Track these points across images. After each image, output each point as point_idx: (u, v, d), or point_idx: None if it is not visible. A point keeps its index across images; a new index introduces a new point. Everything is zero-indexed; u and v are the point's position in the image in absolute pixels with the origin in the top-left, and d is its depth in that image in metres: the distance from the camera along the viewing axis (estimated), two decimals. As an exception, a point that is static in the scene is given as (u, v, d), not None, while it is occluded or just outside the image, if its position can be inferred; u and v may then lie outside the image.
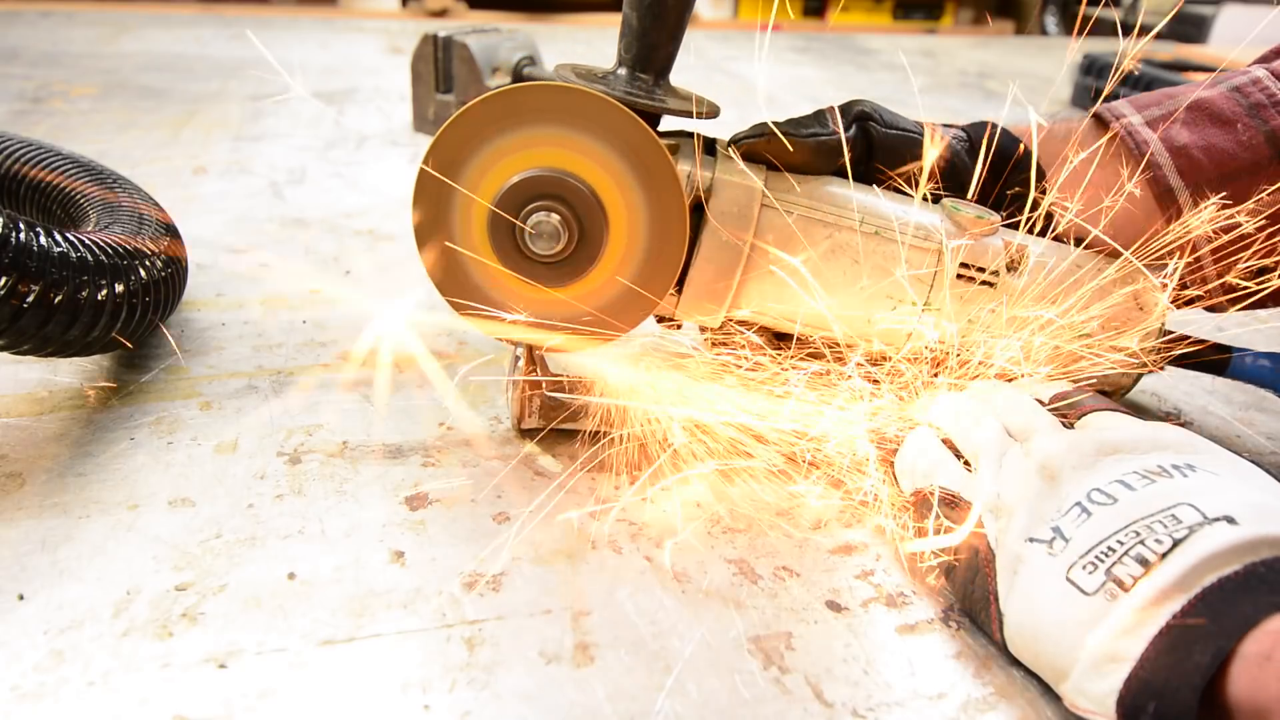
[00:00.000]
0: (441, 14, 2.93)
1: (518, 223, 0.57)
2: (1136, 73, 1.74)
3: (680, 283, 0.61)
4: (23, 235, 0.54)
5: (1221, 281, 0.62)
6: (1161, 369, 0.66)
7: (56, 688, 0.42)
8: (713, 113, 0.61)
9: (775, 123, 0.61)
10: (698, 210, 0.60)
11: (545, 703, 0.43)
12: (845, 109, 0.64)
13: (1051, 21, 4.04)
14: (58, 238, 0.56)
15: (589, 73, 0.60)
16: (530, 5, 2.98)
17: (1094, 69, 1.88)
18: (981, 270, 0.61)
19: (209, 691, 0.43)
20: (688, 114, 0.60)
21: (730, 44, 2.51)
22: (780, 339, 0.66)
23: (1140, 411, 0.58)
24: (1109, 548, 0.42)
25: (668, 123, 0.62)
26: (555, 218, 0.56)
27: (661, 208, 0.58)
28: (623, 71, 0.59)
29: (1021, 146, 0.65)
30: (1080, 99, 1.92)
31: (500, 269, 0.59)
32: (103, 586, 0.48)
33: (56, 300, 0.55)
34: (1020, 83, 2.26)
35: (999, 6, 4.14)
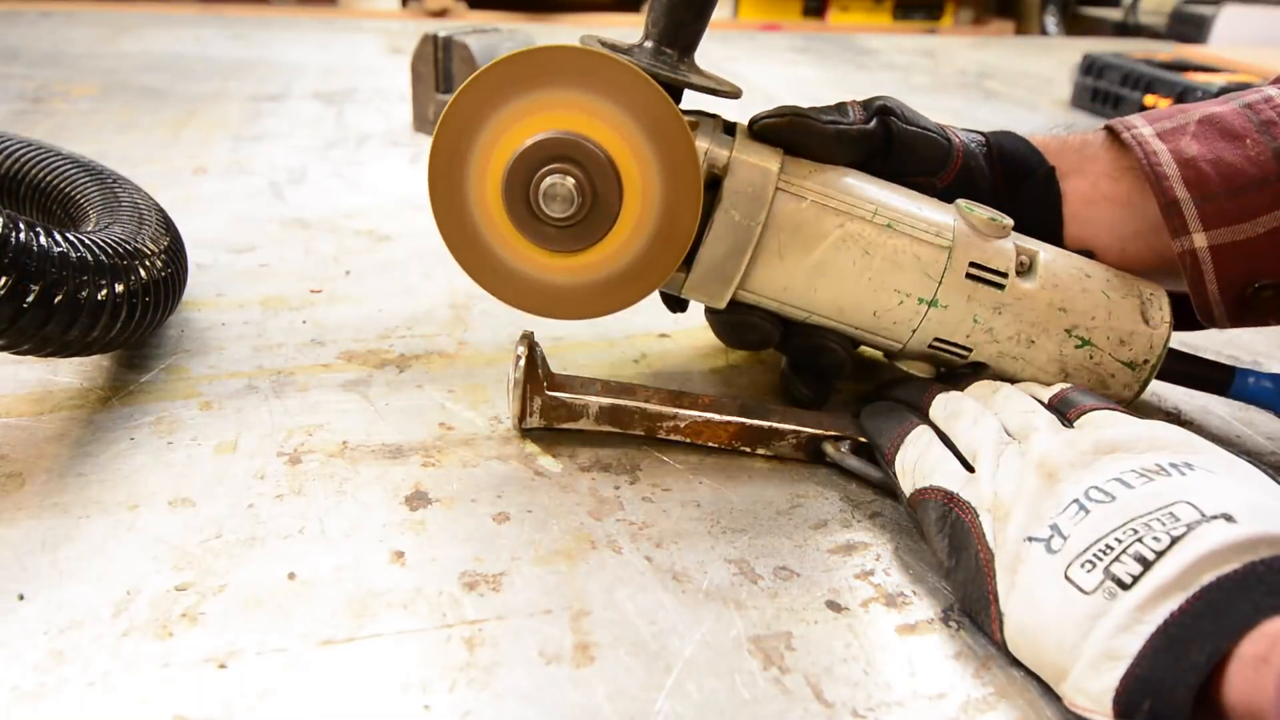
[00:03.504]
0: (441, 14, 2.93)
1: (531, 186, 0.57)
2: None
3: (689, 260, 0.61)
4: (23, 235, 0.54)
5: (1222, 298, 0.61)
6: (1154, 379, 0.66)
7: (56, 688, 0.42)
8: (734, 93, 0.61)
9: (797, 108, 0.60)
10: (712, 187, 0.60)
11: (545, 703, 0.43)
12: (867, 103, 0.64)
13: (1051, 21, 4.04)
14: (58, 238, 0.56)
15: (614, 45, 0.60)
16: (530, 5, 2.98)
17: (1094, 69, 1.88)
18: (991, 271, 0.61)
19: (209, 691, 0.43)
20: (710, 91, 0.59)
21: (730, 44, 2.51)
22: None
23: (1140, 411, 0.58)
24: (1107, 545, 0.42)
25: (689, 101, 0.62)
26: (570, 181, 0.56)
27: (677, 180, 0.58)
28: (649, 45, 0.59)
29: (1038, 159, 0.65)
30: (1080, 99, 1.92)
31: (514, 234, 0.59)
32: (103, 586, 0.48)
33: (56, 300, 0.55)
34: (1020, 83, 2.26)
35: (999, 6, 4.14)
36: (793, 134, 0.60)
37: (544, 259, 0.60)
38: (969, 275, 0.61)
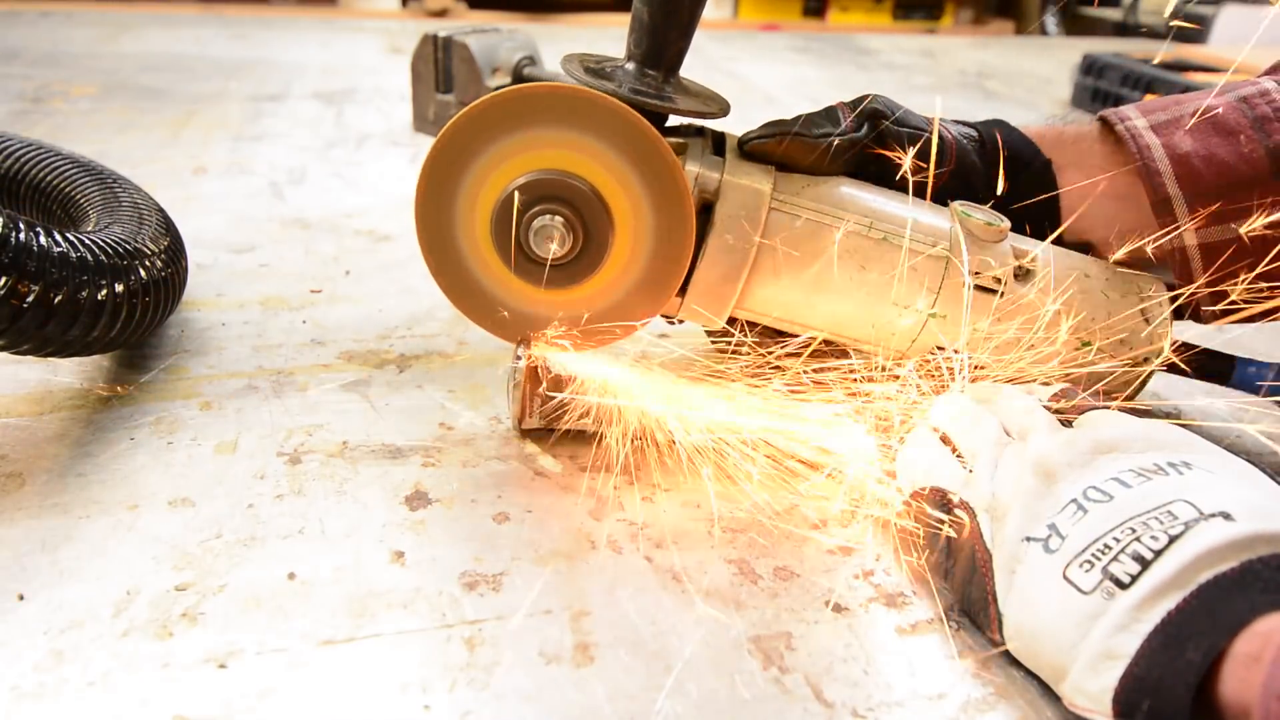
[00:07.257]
0: (441, 14, 2.93)
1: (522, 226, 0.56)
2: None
3: (684, 284, 0.61)
4: (23, 235, 0.54)
5: (1211, 294, 0.61)
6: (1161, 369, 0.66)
7: (56, 688, 0.42)
8: (723, 111, 0.61)
9: (785, 122, 0.60)
10: (705, 212, 0.60)
11: (545, 703, 0.43)
12: (857, 105, 0.63)
13: (1051, 21, 4.04)
14: (58, 238, 0.56)
15: (597, 66, 0.60)
16: (530, 5, 2.98)
17: (1094, 69, 1.88)
18: (989, 278, 0.60)
19: (209, 691, 0.43)
20: (696, 114, 0.59)
21: (730, 44, 2.51)
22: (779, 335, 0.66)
23: (1140, 412, 0.58)
24: (1105, 545, 0.42)
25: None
26: (559, 220, 0.56)
27: (668, 211, 0.57)
28: (631, 67, 0.58)
29: (1031, 148, 0.64)
30: (1080, 99, 1.92)
31: (505, 271, 0.59)
32: (103, 586, 0.48)
33: (56, 300, 0.55)
34: (1020, 83, 2.26)
35: (999, 6, 4.13)
36: (783, 151, 0.60)
37: (539, 295, 0.60)
38: (966, 284, 0.61)
